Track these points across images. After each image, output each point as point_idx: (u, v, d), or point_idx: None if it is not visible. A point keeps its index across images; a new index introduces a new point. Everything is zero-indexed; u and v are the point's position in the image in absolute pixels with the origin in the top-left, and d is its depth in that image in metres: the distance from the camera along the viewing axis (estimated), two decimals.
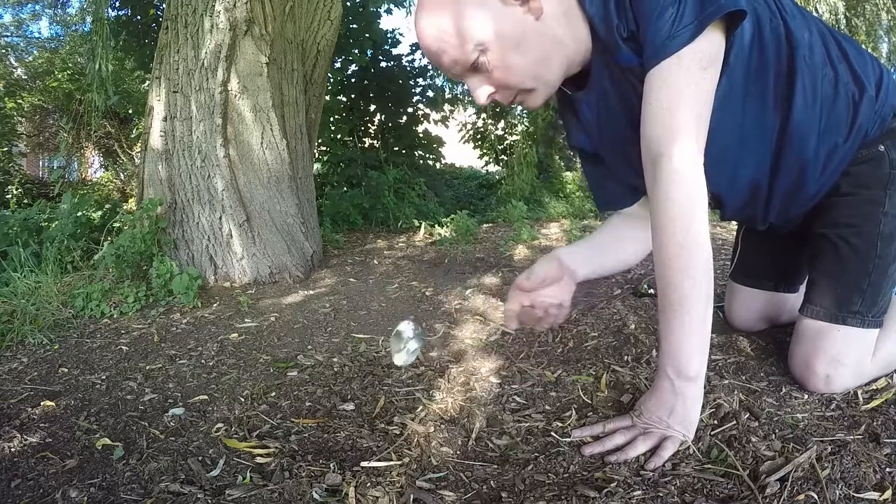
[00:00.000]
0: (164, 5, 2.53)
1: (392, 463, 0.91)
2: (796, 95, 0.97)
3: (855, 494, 0.75)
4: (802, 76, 0.97)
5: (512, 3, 0.86)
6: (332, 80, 5.05)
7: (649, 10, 0.83)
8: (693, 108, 0.85)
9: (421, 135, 6.00)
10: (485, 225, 4.10)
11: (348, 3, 4.93)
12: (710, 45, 0.84)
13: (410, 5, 6.36)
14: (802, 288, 1.29)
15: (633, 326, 1.48)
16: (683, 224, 0.86)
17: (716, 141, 0.91)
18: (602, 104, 1.01)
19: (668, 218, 0.87)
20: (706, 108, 0.87)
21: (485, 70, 0.89)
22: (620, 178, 1.13)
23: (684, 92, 0.84)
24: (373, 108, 5.87)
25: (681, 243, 0.86)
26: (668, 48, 0.83)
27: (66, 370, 1.41)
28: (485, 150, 7.25)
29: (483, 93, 0.92)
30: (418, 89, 6.02)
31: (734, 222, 1.81)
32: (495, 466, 0.91)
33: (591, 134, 1.09)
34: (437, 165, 6.44)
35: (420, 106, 6.02)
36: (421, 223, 3.76)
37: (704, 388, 1.10)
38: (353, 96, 5.68)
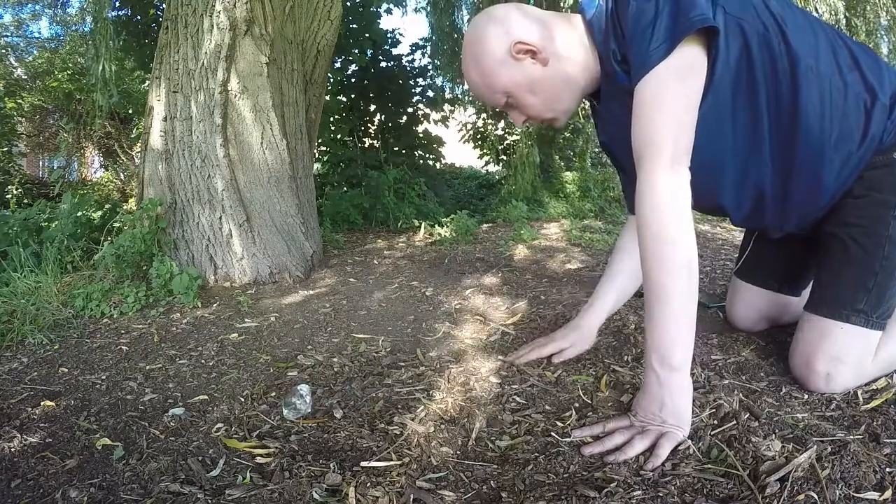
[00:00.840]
0: (164, 5, 2.53)
1: (392, 463, 0.91)
2: (803, 108, 0.99)
3: (855, 494, 0.75)
4: (808, 88, 0.99)
5: (522, 59, 1.03)
6: (332, 80, 5.04)
7: (631, 33, 0.94)
8: (671, 116, 0.92)
9: (421, 135, 5.98)
10: (485, 225, 4.09)
11: (348, 3, 4.93)
12: (684, 59, 0.92)
13: (408, 5, 6.37)
14: (805, 293, 1.30)
15: (633, 326, 1.48)
16: (659, 221, 0.92)
17: (705, 155, 0.98)
18: (611, 117, 1.11)
19: (646, 216, 0.94)
20: (688, 116, 0.94)
21: (514, 106, 1.11)
22: None
23: (661, 102, 0.92)
24: (373, 108, 5.86)
25: (657, 238, 0.92)
26: (646, 65, 0.92)
27: (66, 370, 1.41)
28: (485, 150, 7.23)
29: (518, 120, 1.14)
30: (418, 89, 6.01)
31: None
32: (495, 466, 0.91)
33: (608, 140, 1.21)
34: (437, 165, 6.42)
35: (420, 106, 6.01)
36: (421, 223, 3.76)
37: (704, 387, 1.10)
38: (353, 96, 5.67)
